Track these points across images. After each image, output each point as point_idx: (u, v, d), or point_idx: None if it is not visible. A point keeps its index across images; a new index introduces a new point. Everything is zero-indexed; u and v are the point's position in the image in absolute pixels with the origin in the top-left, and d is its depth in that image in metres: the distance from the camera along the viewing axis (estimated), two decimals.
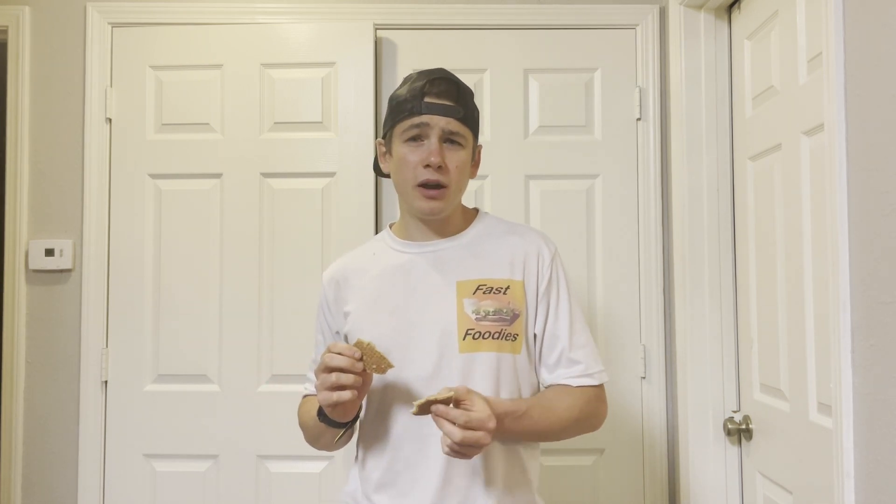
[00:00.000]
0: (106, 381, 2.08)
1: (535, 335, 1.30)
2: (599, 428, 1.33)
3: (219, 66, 2.12)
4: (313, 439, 1.32)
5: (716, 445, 1.92)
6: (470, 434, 1.07)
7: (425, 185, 1.24)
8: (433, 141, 1.24)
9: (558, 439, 1.29)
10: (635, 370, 2.10)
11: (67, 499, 2.06)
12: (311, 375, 1.38)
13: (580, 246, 2.11)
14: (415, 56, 2.14)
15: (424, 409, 1.11)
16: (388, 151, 1.31)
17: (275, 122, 2.11)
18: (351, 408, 1.17)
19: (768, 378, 1.73)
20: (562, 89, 2.14)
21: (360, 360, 1.13)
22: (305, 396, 1.40)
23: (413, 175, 1.25)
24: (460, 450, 1.09)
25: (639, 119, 2.13)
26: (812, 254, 1.52)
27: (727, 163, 1.96)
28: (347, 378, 1.11)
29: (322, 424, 1.23)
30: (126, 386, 2.07)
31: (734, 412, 1.92)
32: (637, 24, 2.14)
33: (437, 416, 1.10)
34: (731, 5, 1.95)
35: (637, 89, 2.13)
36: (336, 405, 1.13)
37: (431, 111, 1.24)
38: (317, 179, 2.10)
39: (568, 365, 1.28)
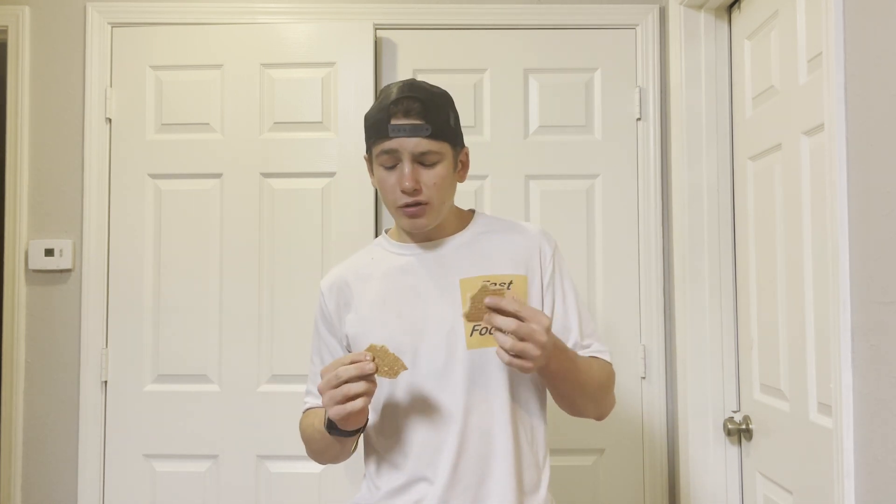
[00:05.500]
0: (106, 381, 2.08)
1: None
2: (607, 416, 1.35)
3: (219, 66, 2.12)
4: (318, 453, 1.31)
5: (716, 445, 1.92)
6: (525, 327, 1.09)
7: (405, 206, 1.24)
8: (405, 165, 1.22)
9: (583, 401, 1.28)
10: (635, 370, 2.10)
11: (67, 499, 2.06)
12: (313, 388, 1.37)
13: (580, 246, 2.11)
14: (415, 56, 2.14)
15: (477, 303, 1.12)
16: (371, 169, 1.31)
17: (275, 122, 2.11)
18: (362, 415, 1.16)
19: (768, 378, 1.73)
20: (562, 89, 2.14)
21: (373, 361, 1.11)
22: (306, 411, 1.38)
23: (393, 198, 1.25)
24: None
25: (639, 119, 2.13)
26: (812, 254, 1.52)
27: (727, 163, 1.96)
28: (358, 387, 1.10)
29: (331, 437, 1.21)
30: (126, 386, 2.07)
31: (734, 412, 1.92)
32: (637, 24, 2.14)
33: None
34: (731, 5, 1.95)
35: (637, 89, 2.13)
36: (349, 416, 1.12)
37: (398, 133, 1.20)
38: (317, 179, 2.10)
39: (583, 349, 1.32)
